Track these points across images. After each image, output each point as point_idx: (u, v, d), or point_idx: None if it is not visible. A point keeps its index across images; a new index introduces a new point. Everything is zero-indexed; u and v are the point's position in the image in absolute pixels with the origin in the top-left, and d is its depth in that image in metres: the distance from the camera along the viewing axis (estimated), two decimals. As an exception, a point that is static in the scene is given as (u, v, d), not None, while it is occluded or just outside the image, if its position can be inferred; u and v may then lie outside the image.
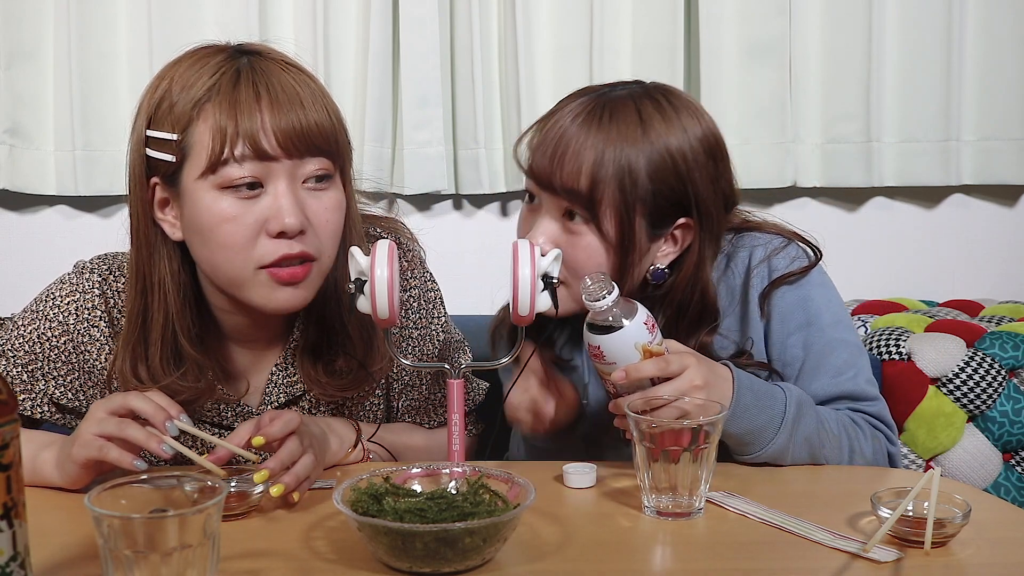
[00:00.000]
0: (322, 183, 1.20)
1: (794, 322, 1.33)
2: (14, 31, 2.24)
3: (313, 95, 1.19)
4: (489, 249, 2.29)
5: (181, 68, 1.19)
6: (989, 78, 2.21)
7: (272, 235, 1.16)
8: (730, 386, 1.21)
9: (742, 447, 1.25)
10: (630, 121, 1.26)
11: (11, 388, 0.81)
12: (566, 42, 2.23)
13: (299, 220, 1.16)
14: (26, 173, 2.27)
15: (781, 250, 1.35)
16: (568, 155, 1.25)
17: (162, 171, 1.19)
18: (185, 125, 1.16)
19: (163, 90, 1.19)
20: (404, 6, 2.20)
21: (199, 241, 1.19)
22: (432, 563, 0.95)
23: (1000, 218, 2.30)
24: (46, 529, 1.02)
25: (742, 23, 2.20)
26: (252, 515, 1.11)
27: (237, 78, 1.16)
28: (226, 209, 1.15)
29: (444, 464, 1.10)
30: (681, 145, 1.26)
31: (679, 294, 1.33)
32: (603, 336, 1.16)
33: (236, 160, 1.14)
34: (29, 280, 2.35)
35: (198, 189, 1.16)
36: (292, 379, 1.33)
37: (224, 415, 1.33)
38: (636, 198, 1.25)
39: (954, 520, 1.01)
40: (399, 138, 2.24)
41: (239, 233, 1.16)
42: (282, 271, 1.17)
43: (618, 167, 1.24)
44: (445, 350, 1.42)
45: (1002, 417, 1.82)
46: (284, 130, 1.14)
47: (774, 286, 1.34)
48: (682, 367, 1.16)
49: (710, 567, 0.99)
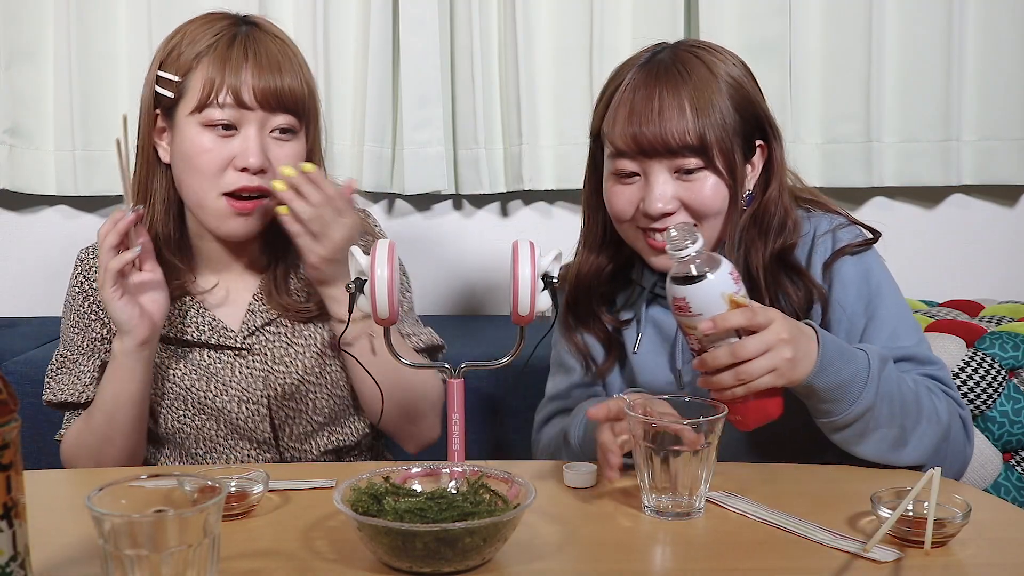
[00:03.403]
0: (286, 135, 1.43)
1: (857, 290, 1.35)
2: (14, 31, 2.24)
3: (291, 64, 1.43)
4: (489, 249, 2.30)
5: (193, 25, 1.45)
6: (989, 78, 2.21)
7: (237, 169, 1.40)
8: (814, 342, 1.19)
9: (830, 406, 1.21)
10: (700, 68, 1.34)
11: (11, 388, 0.81)
12: (566, 42, 2.23)
13: (260, 160, 1.39)
14: (26, 173, 2.28)
15: (845, 226, 1.40)
16: (669, 116, 1.31)
17: (163, 104, 1.44)
18: (186, 71, 1.41)
19: (175, 41, 1.44)
20: (404, 6, 2.20)
21: (181, 166, 1.42)
22: (432, 563, 0.95)
23: (1000, 218, 2.30)
24: (46, 529, 1.01)
25: (742, 23, 2.19)
26: (252, 515, 1.11)
27: (232, 41, 1.41)
28: (205, 142, 1.40)
29: (444, 464, 1.11)
30: (738, 75, 1.36)
31: (770, 210, 1.37)
32: (689, 287, 1.14)
33: (219, 105, 1.39)
34: (29, 280, 2.36)
35: (187, 124, 1.40)
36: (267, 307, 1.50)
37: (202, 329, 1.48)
38: (732, 131, 1.33)
39: (954, 520, 1.01)
40: (399, 138, 2.24)
41: (212, 162, 1.39)
42: (236, 202, 1.41)
43: (713, 110, 1.31)
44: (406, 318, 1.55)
45: (1002, 417, 1.82)
46: (262, 88, 1.39)
47: (838, 255, 1.36)
48: (768, 320, 1.15)
49: (710, 567, 0.99)
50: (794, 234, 1.37)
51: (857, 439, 1.24)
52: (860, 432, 1.23)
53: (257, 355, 1.47)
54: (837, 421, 1.22)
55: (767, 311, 1.17)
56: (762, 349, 1.14)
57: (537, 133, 2.23)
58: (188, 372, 1.47)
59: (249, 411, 1.45)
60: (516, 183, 2.24)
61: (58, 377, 1.50)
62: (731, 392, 1.15)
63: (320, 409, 1.48)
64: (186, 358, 1.47)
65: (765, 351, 1.14)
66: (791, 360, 1.14)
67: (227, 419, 1.45)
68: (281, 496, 1.17)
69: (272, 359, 1.47)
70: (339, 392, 1.49)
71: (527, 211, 2.34)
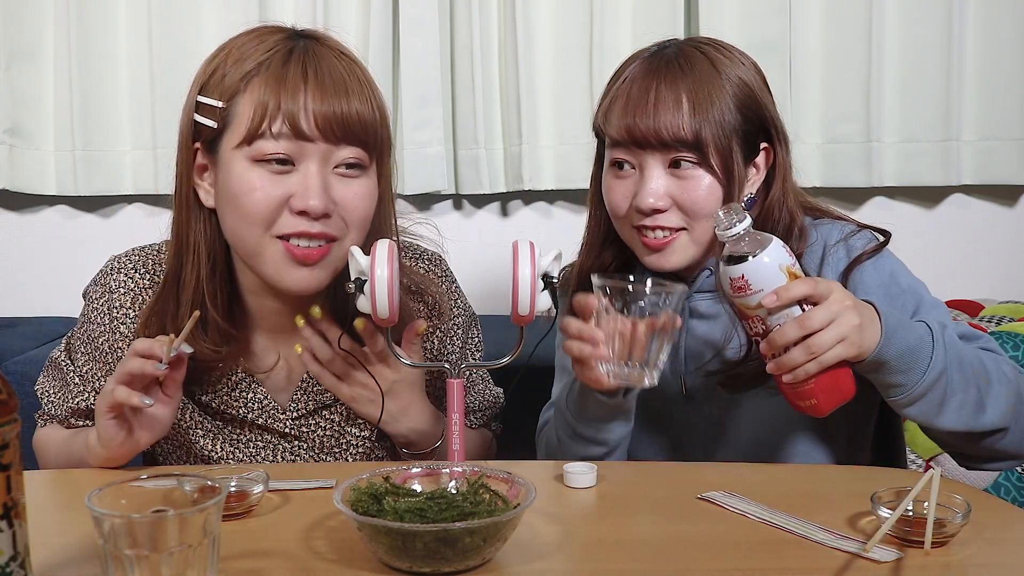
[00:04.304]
0: (353, 170, 1.21)
1: (882, 291, 1.32)
2: (14, 31, 2.24)
3: (360, 85, 1.21)
4: (489, 249, 2.30)
5: (240, 41, 1.23)
6: (989, 78, 2.21)
7: (294, 212, 1.18)
8: (874, 312, 1.17)
9: (903, 377, 1.17)
10: (702, 64, 1.32)
11: (11, 388, 0.81)
12: (566, 42, 2.23)
13: (323, 203, 1.18)
14: (26, 173, 2.28)
15: (856, 233, 1.37)
16: (664, 108, 1.29)
17: (204, 136, 1.22)
18: (231, 95, 1.19)
19: (219, 60, 1.23)
20: (404, 6, 2.20)
21: (227, 209, 1.21)
22: (432, 563, 0.95)
23: (1000, 218, 2.30)
24: (46, 529, 1.02)
25: (742, 23, 2.20)
26: (252, 515, 1.11)
27: (288, 57, 1.19)
28: (254, 180, 1.18)
29: (444, 464, 1.10)
30: (746, 75, 1.34)
31: (775, 214, 1.35)
32: (747, 263, 1.13)
33: (272, 136, 1.17)
34: (29, 280, 2.36)
35: (233, 158, 1.19)
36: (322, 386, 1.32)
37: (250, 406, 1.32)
38: (731, 130, 1.30)
39: (954, 520, 1.01)
40: (399, 138, 2.24)
41: (263, 204, 1.18)
42: (295, 248, 1.19)
43: (712, 106, 1.29)
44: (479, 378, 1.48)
45: (1002, 417, 1.82)
46: (324, 114, 1.17)
47: (855, 263, 1.33)
48: (829, 289, 1.13)
49: (710, 567, 0.99)
50: (801, 242, 1.35)
51: (936, 409, 1.20)
52: (939, 400, 1.20)
53: (304, 442, 1.34)
54: (914, 392, 1.18)
55: (827, 281, 1.16)
56: (829, 318, 1.12)
57: (537, 133, 2.23)
58: (225, 454, 1.33)
59: None
60: (516, 183, 2.25)
61: (50, 384, 1.41)
62: (804, 370, 1.13)
63: None
64: (223, 433, 1.33)
65: (832, 320, 1.12)
66: (859, 327, 1.12)
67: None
68: (281, 496, 1.16)
69: (320, 448, 1.34)
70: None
71: (527, 211, 2.34)
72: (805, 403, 1.16)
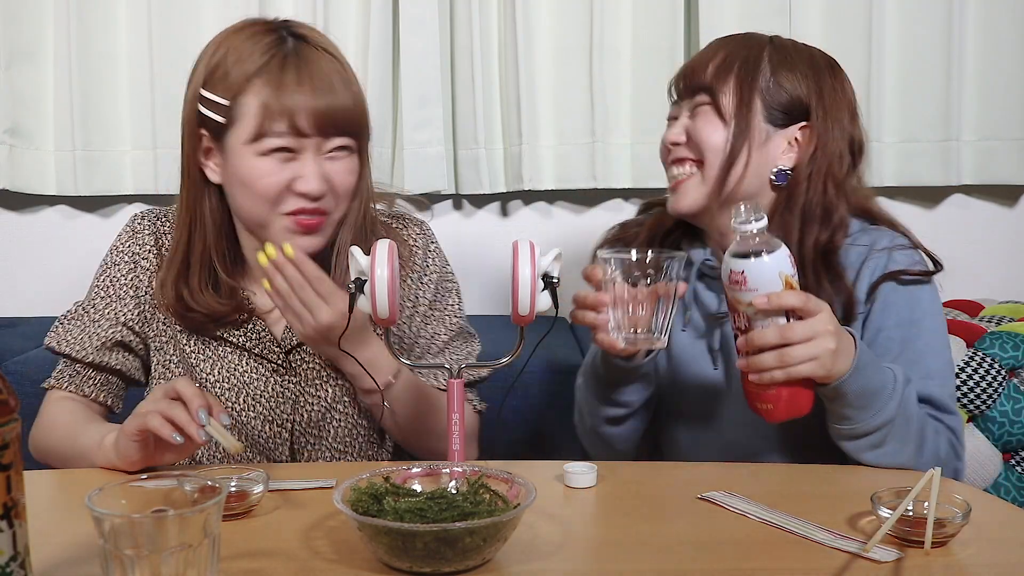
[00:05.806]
0: (342, 152, 1.39)
1: (898, 316, 1.33)
2: (14, 31, 2.24)
3: (343, 81, 1.38)
4: (489, 249, 2.30)
5: (237, 40, 1.38)
6: (989, 78, 2.21)
7: (296, 193, 1.37)
8: (852, 342, 1.19)
9: (855, 412, 1.22)
10: (763, 38, 1.42)
11: (11, 388, 0.81)
12: (566, 42, 2.23)
13: (320, 186, 1.36)
14: (26, 173, 2.28)
15: (906, 248, 1.38)
16: (701, 57, 1.41)
17: (210, 127, 1.38)
18: (236, 93, 1.35)
19: (219, 56, 1.38)
20: (404, 6, 2.20)
21: (237, 190, 1.39)
22: (432, 563, 0.95)
23: (1000, 218, 2.30)
24: (46, 529, 1.02)
25: (742, 23, 2.19)
26: (252, 515, 1.11)
27: (284, 61, 1.36)
28: (264, 168, 1.35)
29: (444, 464, 1.11)
30: (806, 51, 1.41)
31: (800, 193, 1.36)
32: (750, 261, 1.16)
33: (276, 134, 1.34)
34: (29, 280, 2.36)
35: (243, 152, 1.36)
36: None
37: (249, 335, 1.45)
38: (756, 84, 1.37)
39: (954, 520, 1.01)
40: (399, 138, 2.24)
41: (272, 187, 1.36)
42: (301, 219, 1.38)
43: (742, 58, 1.38)
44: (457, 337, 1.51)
45: (1002, 417, 1.82)
46: (317, 112, 1.34)
47: (889, 277, 1.34)
48: (818, 308, 1.16)
49: (710, 567, 0.99)
50: (839, 233, 1.36)
51: (869, 449, 1.25)
52: (876, 443, 1.24)
53: (293, 375, 1.45)
54: (857, 428, 1.23)
55: (818, 300, 1.18)
56: (808, 335, 1.15)
57: (537, 133, 2.23)
58: (221, 379, 1.45)
59: (272, 432, 1.44)
60: (516, 183, 2.25)
61: (68, 327, 1.46)
62: (770, 376, 1.16)
63: (341, 438, 1.46)
64: (223, 360, 1.45)
65: (811, 338, 1.15)
66: (834, 352, 1.15)
67: (248, 434, 1.44)
68: (281, 496, 1.17)
69: (305, 380, 1.45)
70: (364, 423, 1.47)
71: (527, 211, 2.34)
72: (762, 406, 1.20)
